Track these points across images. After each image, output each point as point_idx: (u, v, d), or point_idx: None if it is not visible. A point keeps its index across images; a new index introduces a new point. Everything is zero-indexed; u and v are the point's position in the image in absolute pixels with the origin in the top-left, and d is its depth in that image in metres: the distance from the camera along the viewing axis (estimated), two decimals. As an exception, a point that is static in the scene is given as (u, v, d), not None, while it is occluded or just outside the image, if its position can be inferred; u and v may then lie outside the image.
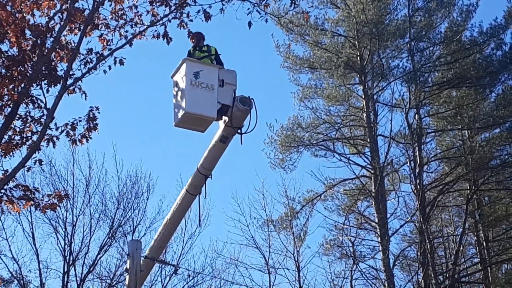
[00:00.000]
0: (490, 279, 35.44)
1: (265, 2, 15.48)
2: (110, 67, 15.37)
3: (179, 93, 12.98)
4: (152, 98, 55.13)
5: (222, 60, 13.57)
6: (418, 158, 32.38)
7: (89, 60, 15.49)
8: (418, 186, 31.71)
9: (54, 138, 15.40)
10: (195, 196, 14.21)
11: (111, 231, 31.24)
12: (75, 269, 30.47)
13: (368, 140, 33.45)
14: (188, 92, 12.71)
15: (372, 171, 32.73)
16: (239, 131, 13.02)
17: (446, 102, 34.39)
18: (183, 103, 12.76)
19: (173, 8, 15.67)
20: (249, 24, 15.26)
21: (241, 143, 13.06)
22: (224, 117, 12.98)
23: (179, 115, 12.87)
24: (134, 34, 15.61)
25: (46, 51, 15.04)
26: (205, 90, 12.73)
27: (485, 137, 35.51)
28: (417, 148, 32.69)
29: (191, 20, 15.63)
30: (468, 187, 35.11)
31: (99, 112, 15.67)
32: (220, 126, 13.18)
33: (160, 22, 15.56)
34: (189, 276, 31.31)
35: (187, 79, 12.76)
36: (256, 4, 15.42)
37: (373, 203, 32.48)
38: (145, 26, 15.69)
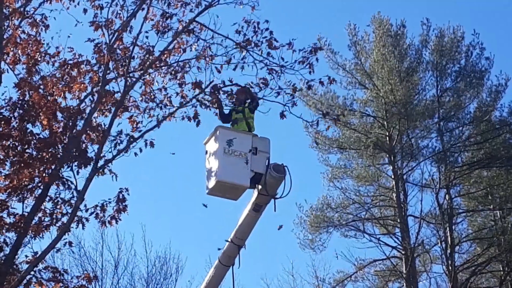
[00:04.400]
0: None
1: (294, 85, 15.10)
2: (141, 150, 15.37)
3: (212, 160, 12.86)
4: (181, 176, 55.14)
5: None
6: (449, 238, 31.95)
7: (119, 141, 15.49)
8: (450, 267, 31.24)
9: (84, 220, 15.37)
10: (228, 267, 13.94)
11: (141, 313, 30.99)
12: None
13: (399, 221, 33.11)
14: (221, 160, 12.59)
15: (403, 252, 32.31)
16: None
17: (477, 182, 34.12)
18: (216, 171, 12.62)
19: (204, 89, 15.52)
20: (281, 115, 14.79)
21: (275, 210, 12.88)
22: (257, 185, 12.81)
23: (212, 183, 12.72)
24: (164, 116, 15.60)
25: (77, 133, 15.13)
26: (238, 158, 12.59)
27: (517, 218, 35.11)
28: (448, 228, 32.26)
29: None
30: (501, 268, 34.54)
31: (128, 194, 15.61)
32: (253, 195, 13.03)
33: (190, 104, 15.50)
34: None
35: (220, 147, 12.65)
36: (287, 105, 14.92)
37: (405, 284, 31.98)
38: (174, 108, 15.63)
